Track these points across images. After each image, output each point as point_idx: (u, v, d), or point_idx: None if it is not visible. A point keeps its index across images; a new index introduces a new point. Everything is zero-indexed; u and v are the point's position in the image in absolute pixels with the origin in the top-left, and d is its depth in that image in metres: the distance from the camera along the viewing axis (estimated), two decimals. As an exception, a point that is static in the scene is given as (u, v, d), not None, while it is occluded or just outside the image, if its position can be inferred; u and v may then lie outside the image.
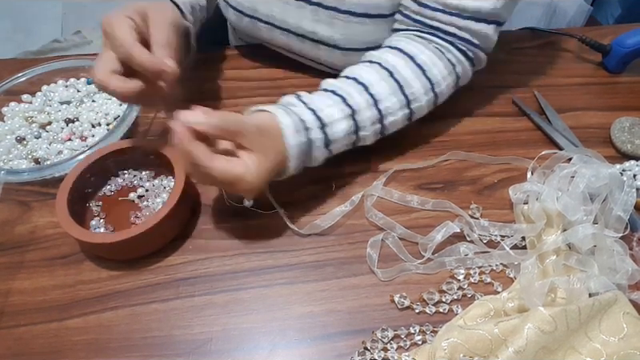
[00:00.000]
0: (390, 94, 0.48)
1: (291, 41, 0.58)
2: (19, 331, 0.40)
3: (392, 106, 0.48)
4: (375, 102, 0.48)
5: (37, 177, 0.48)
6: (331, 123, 0.45)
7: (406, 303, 0.41)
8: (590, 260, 0.41)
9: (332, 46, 0.56)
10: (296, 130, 0.42)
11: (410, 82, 0.49)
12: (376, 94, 0.48)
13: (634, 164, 0.52)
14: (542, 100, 0.61)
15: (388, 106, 0.48)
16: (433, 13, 0.50)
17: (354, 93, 0.47)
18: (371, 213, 0.47)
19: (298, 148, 0.43)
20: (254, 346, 0.39)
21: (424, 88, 0.50)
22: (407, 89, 0.49)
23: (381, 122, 0.48)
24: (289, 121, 0.42)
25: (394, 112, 0.49)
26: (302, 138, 0.43)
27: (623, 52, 0.63)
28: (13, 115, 0.56)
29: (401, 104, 0.49)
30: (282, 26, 0.57)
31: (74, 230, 0.42)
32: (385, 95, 0.48)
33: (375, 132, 0.49)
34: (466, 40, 0.52)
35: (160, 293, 0.43)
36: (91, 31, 1.78)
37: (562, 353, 0.36)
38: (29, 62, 0.64)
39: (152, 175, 0.51)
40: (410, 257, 0.45)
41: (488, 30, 0.51)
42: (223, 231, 0.47)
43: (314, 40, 0.57)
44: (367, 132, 0.48)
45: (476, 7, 0.49)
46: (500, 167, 0.53)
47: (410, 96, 0.49)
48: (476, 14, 0.49)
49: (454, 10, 0.49)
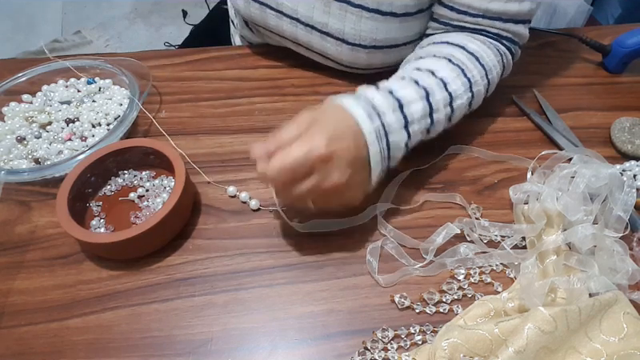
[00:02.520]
0: (455, 77, 0.49)
1: (299, 31, 0.58)
2: (19, 331, 0.40)
3: (458, 89, 0.48)
4: (445, 85, 0.47)
5: (37, 177, 0.48)
6: (408, 103, 0.45)
7: (406, 303, 0.41)
8: (590, 260, 0.41)
9: (340, 40, 0.56)
10: (369, 116, 0.42)
11: (469, 66, 0.50)
12: (444, 77, 0.48)
13: (634, 164, 0.52)
14: (542, 100, 0.61)
15: (455, 89, 0.48)
16: (474, 19, 0.52)
17: (425, 77, 0.47)
18: (383, 226, 0.47)
19: (375, 133, 0.42)
20: (255, 345, 0.39)
21: (480, 74, 0.51)
22: (468, 72, 0.50)
23: (450, 105, 0.48)
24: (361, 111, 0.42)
25: (460, 95, 0.49)
26: (376, 122, 0.42)
27: (623, 52, 0.63)
28: (13, 115, 0.56)
29: (465, 87, 0.49)
30: (291, 14, 0.57)
31: (74, 229, 0.42)
32: (451, 78, 0.48)
33: (446, 116, 0.48)
34: (508, 39, 0.54)
35: (160, 293, 0.43)
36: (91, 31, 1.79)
37: (562, 353, 0.36)
38: (29, 61, 0.64)
39: (152, 175, 0.51)
40: (410, 260, 0.45)
41: (525, 30, 0.54)
42: (223, 231, 0.47)
43: (322, 32, 0.57)
44: (440, 115, 0.47)
45: (516, 10, 0.51)
46: (500, 167, 0.53)
47: (471, 79, 0.50)
48: (515, 16, 0.52)
49: (494, 14, 0.51)
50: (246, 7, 0.60)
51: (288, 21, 0.58)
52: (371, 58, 0.57)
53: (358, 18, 0.53)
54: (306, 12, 0.56)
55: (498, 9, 0.51)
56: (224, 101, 0.61)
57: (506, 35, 0.54)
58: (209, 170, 0.52)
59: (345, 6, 0.53)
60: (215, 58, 0.67)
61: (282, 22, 0.58)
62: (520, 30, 0.54)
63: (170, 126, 0.57)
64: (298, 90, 0.62)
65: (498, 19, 0.52)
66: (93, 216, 0.48)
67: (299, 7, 0.56)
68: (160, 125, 0.54)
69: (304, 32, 0.58)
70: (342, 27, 0.55)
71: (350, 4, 0.53)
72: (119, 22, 1.93)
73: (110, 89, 0.60)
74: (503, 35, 0.54)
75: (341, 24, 0.55)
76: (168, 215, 0.43)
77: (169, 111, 0.60)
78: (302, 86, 0.63)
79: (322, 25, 0.56)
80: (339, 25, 0.55)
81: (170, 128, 0.57)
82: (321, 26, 0.56)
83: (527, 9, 0.52)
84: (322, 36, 0.57)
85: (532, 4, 0.52)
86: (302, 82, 0.63)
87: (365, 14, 0.53)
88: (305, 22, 0.57)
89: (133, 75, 0.58)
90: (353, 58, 0.58)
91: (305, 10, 0.56)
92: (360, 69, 0.60)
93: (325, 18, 0.55)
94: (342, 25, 0.55)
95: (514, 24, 0.53)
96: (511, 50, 0.55)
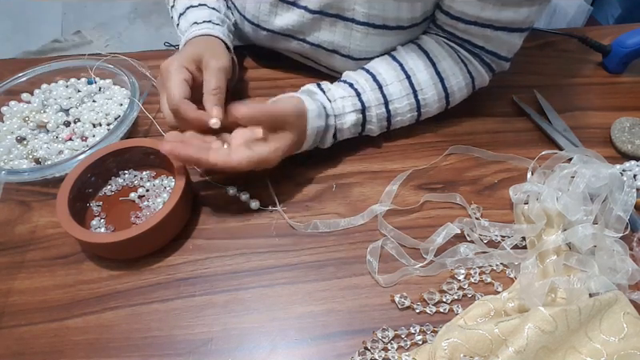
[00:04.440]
0: (403, 96, 0.51)
1: (306, 50, 0.58)
2: (19, 331, 0.40)
3: (402, 108, 0.52)
4: (386, 103, 0.51)
5: (37, 177, 0.48)
6: (343, 115, 0.50)
7: (406, 303, 0.41)
8: (590, 260, 0.41)
9: (346, 57, 0.56)
10: (318, 115, 0.48)
11: (426, 89, 0.52)
12: (389, 95, 0.51)
13: (634, 164, 0.52)
14: (542, 100, 0.61)
15: (397, 107, 0.52)
16: (466, 26, 0.51)
17: (368, 90, 0.51)
18: (383, 226, 0.47)
19: (316, 130, 0.48)
20: (255, 345, 0.39)
21: (438, 96, 0.53)
22: (420, 95, 0.52)
23: (388, 120, 0.53)
24: (314, 107, 0.47)
25: (402, 113, 0.53)
26: (321, 123, 0.48)
27: (623, 52, 0.63)
28: (13, 115, 0.56)
29: (411, 107, 0.52)
30: (298, 36, 0.57)
31: (74, 229, 0.42)
32: (397, 97, 0.51)
33: (381, 127, 0.54)
34: (492, 53, 0.54)
35: (160, 293, 0.43)
36: (91, 31, 1.79)
37: (562, 353, 0.36)
38: (29, 61, 0.64)
39: (152, 175, 0.51)
40: (410, 260, 0.45)
41: (518, 39, 0.53)
42: (223, 231, 0.47)
43: (329, 50, 0.57)
44: (373, 126, 0.52)
45: (510, 19, 0.49)
46: (500, 167, 0.53)
47: (421, 102, 0.52)
48: (509, 24, 0.50)
49: (486, 22, 0.50)
50: (255, 34, 0.60)
51: (296, 42, 0.58)
52: None
53: (363, 35, 0.53)
54: (312, 32, 0.56)
55: (490, 16, 0.49)
56: (224, 101, 0.61)
57: (490, 49, 0.53)
58: (208, 170, 0.52)
59: (350, 25, 0.53)
60: (215, 58, 0.67)
61: (290, 43, 0.59)
62: (512, 39, 0.52)
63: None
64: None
65: (490, 27, 0.50)
66: (93, 216, 0.48)
67: (305, 29, 0.56)
68: (160, 125, 0.54)
69: (310, 50, 0.58)
70: (348, 45, 0.55)
71: (356, 22, 0.52)
72: (119, 21, 1.92)
73: (110, 89, 0.60)
74: (488, 49, 0.53)
75: (347, 42, 0.55)
76: (168, 215, 0.43)
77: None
78: (302, 86, 0.63)
79: (328, 43, 0.56)
80: (345, 42, 0.55)
81: (170, 128, 0.57)
82: (327, 45, 0.56)
83: (523, 17, 0.49)
84: (328, 53, 0.57)
85: (530, 12, 0.49)
86: (302, 82, 0.63)
87: (371, 31, 0.53)
88: (311, 42, 0.57)
89: (133, 75, 0.58)
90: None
91: (311, 31, 0.56)
92: None
93: (331, 37, 0.55)
94: (347, 42, 0.55)
95: (507, 32, 0.51)
96: (491, 67, 0.56)
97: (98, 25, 1.87)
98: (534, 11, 0.49)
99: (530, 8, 0.49)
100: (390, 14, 0.51)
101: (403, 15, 0.51)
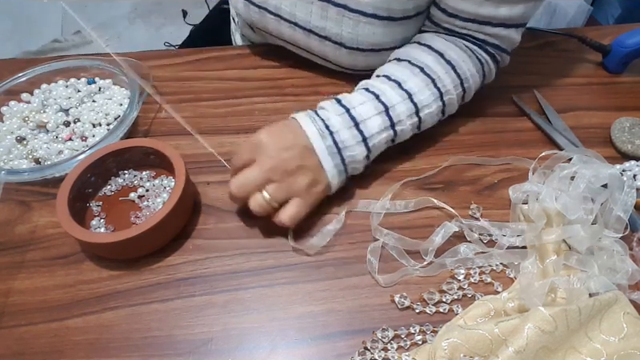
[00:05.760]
0: (424, 87, 0.50)
1: (298, 35, 0.58)
2: (19, 331, 0.40)
3: (426, 99, 0.50)
4: (410, 96, 0.49)
5: (37, 177, 0.48)
6: (364, 120, 0.47)
7: (406, 303, 0.41)
8: (590, 260, 0.41)
9: (338, 44, 0.56)
10: (320, 134, 0.45)
11: (442, 77, 0.51)
12: (410, 88, 0.49)
13: (634, 164, 0.52)
14: (542, 100, 0.61)
15: (422, 99, 0.49)
16: (463, 23, 0.52)
17: (388, 89, 0.49)
18: (378, 231, 0.46)
19: (328, 150, 0.45)
20: (254, 345, 0.39)
21: (454, 83, 0.51)
22: (439, 82, 0.50)
23: (417, 115, 0.50)
24: (313, 127, 0.46)
25: (429, 104, 0.50)
26: (328, 142, 0.45)
27: (623, 52, 0.63)
28: (13, 115, 0.56)
29: (434, 96, 0.50)
30: (290, 19, 0.57)
31: (74, 229, 0.42)
32: (418, 89, 0.49)
33: (413, 125, 0.50)
34: (494, 45, 0.54)
35: (160, 293, 0.43)
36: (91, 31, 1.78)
37: (562, 353, 0.36)
38: (29, 61, 0.64)
39: (152, 175, 0.51)
40: (410, 260, 0.44)
41: (516, 34, 0.53)
42: (223, 231, 0.47)
43: (320, 36, 0.56)
44: (404, 126, 0.49)
45: (507, 15, 0.50)
46: (500, 167, 0.53)
47: (442, 89, 0.50)
48: (507, 20, 0.51)
49: (484, 19, 0.51)
50: (246, 11, 0.60)
51: (287, 25, 0.58)
52: (370, 60, 0.57)
53: (355, 22, 0.53)
54: (304, 16, 0.56)
55: (487, 13, 0.50)
56: (224, 101, 0.61)
57: (492, 42, 0.53)
58: (209, 170, 0.52)
59: (342, 11, 0.53)
60: (215, 58, 0.67)
61: (281, 25, 0.58)
62: (511, 34, 0.53)
63: (170, 126, 0.57)
64: (298, 90, 0.62)
65: (488, 24, 0.51)
66: (93, 216, 0.48)
67: (297, 12, 0.56)
68: (160, 125, 0.54)
69: (303, 35, 0.58)
70: (340, 32, 0.55)
71: (348, 9, 0.52)
72: (119, 21, 1.92)
73: (110, 89, 0.60)
74: (490, 42, 0.53)
75: (338, 28, 0.54)
76: (168, 215, 0.43)
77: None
78: (302, 86, 0.63)
79: (319, 29, 0.56)
80: (337, 29, 0.55)
81: (170, 128, 0.57)
82: (319, 30, 0.56)
83: (519, 13, 0.50)
84: (320, 40, 0.57)
85: (526, 8, 0.50)
86: (302, 82, 0.63)
87: (362, 19, 0.53)
88: (303, 26, 0.57)
89: (133, 75, 0.58)
90: (351, 61, 0.58)
91: (303, 14, 0.56)
92: (359, 70, 0.60)
93: (322, 23, 0.55)
94: (339, 29, 0.54)
95: (505, 28, 0.52)
96: (495, 58, 0.55)
97: (98, 25, 1.87)
98: (530, 7, 0.50)
99: (526, 4, 0.50)
100: (381, 3, 0.51)
101: (394, 6, 0.51)
